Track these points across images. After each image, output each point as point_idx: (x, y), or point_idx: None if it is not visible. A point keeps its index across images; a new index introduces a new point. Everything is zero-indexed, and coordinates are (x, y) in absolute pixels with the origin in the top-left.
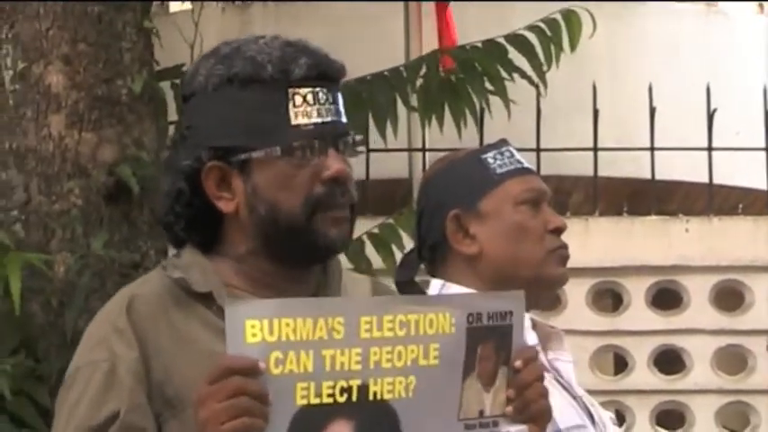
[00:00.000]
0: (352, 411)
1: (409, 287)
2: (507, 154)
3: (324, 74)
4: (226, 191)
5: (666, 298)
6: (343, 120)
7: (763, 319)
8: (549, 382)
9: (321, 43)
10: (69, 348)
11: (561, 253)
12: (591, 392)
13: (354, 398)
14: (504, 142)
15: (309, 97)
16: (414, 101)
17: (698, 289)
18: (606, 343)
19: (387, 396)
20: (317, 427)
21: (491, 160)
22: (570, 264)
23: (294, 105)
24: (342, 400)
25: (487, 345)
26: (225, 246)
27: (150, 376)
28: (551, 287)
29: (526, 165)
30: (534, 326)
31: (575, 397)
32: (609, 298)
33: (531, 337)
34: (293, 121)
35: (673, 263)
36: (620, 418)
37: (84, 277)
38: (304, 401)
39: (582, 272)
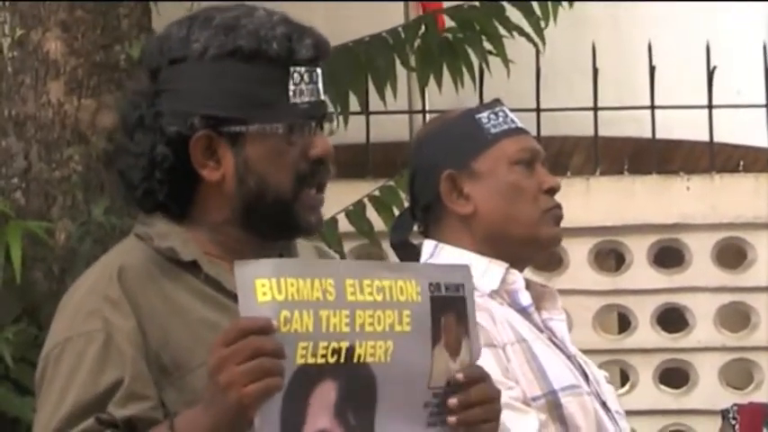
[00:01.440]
0: (337, 373)
1: (405, 248)
2: (501, 114)
3: (320, 55)
4: (210, 159)
5: (669, 256)
6: (324, 98)
7: (765, 276)
8: (543, 342)
9: (321, 9)
10: None
11: (555, 213)
12: (594, 352)
13: (342, 359)
14: (497, 102)
15: (306, 76)
16: (413, 62)
17: (700, 247)
18: (609, 302)
19: (369, 359)
20: (307, 386)
21: (485, 120)
22: (572, 223)
23: (293, 83)
24: (332, 361)
25: (449, 315)
26: (198, 214)
27: (147, 345)
28: (546, 247)
29: (520, 124)
30: (527, 286)
31: (569, 357)
32: (611, 257)
33: (524, 297)
34: (291, 99)
35: (674, 221)
36: (624, 377)
37: (86, 244)
38: (302, 361)
39: (584, 231)
